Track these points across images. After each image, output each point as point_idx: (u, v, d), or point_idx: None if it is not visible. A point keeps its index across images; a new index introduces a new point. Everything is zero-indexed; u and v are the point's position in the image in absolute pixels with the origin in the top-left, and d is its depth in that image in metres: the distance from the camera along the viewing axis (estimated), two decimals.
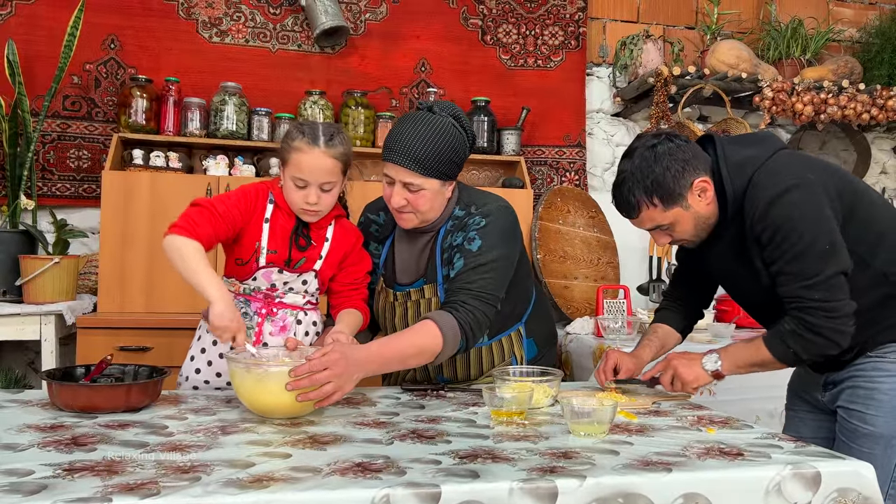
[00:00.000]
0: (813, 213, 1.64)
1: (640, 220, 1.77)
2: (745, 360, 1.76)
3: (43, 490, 1.07)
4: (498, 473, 1.21)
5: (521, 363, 2.01)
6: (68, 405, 1.55)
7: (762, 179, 1.68)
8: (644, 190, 1.70)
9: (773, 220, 1.64)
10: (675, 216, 1.73)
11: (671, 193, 1.70)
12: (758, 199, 1.67)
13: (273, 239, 1.85)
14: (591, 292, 3.47)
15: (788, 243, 1.63)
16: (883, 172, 4.22)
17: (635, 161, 1.72)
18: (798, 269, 1.63)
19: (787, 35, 3.76)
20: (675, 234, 1.78)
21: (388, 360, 1.69)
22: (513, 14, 3.70)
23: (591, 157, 3.80)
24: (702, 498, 1.23)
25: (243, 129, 3.24)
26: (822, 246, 1.62)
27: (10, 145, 2.97)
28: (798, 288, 1.64)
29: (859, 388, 1.76)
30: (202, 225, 1.73)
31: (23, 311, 2.71)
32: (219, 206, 1.78)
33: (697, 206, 1.73)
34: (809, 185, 1.66)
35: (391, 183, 1.83)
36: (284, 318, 1.90)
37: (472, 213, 1.88)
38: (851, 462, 1.33)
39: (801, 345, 1.66)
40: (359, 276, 1.97)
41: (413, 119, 1.81)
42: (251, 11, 3.44)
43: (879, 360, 1.74)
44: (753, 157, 1.73)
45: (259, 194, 1.87)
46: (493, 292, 1.81)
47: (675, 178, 1.69)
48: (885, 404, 1.72)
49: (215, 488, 1.10)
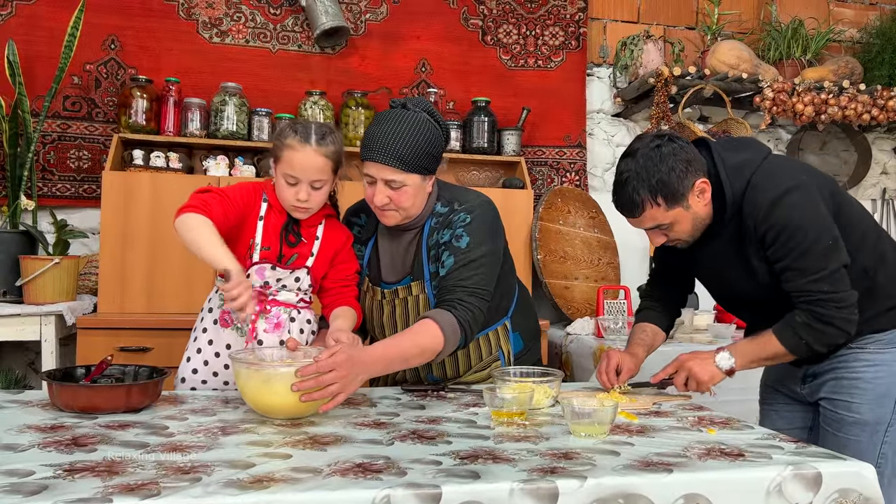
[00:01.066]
0: (813, 213, 1.71)
1: (642, 219, 1.78)
2: (757, 354, 1.81)
3: (43, 491, 1.07)
4: (498, 474, 1.21)
5: (507, 357, 2.03)
6: (68, 406, 1.55)
7: (760, 181, 1.75)
8: (649, 189, 1.72)
9: (777, 220, 1.70)
10: (676, 216, 1.76)
11: (675, 193, 1.72)
12: (758, 201, 1.73)
13: (266, 236, 1.89)
14: (592, 293, 3.47)
15: (794, 242, 1.69)
16: (884, 173, 4.22)
17: (639, 161, 1.73)
18: (804, 265, 1.70)
19: (787, 35, 3.76)
20: (673, 234, 1.81)
21: (391, 360, 1.70)
22: (513, 14, 3.70)
23: (591, 158, 3.80)
24: (702, 499, 1.23)
25: (243, 129, 3.24)
26: (826, 242, 1.70)
27: (11, 146, 2.98)
28: (806, 283, 1.70)
29: (842, 379, 1.82)
30: (214, 206, 1.78)
31: (23, 311, 2.71)
32: (226, 190, 1.84)
33: (696, 206, 1.76)
34: (806, 187, 1.73)
35: (372, 182, 1.85)
36: (278, 316, 1.92)
37: (457, 210, 1.90)
38: (852, 463, 1.33)
39: (813, 336, 1.72)
40: (349, 273, 1.99)
41: (389, 117, 1.83)
42: (251, 12, 3.44)
43: (860, 350, 1.80)
44: (749, 161, 1.79)
45: (256, 191, 1.92)
46: (485, 287, 1.84)
47: (680, 178, 1.72)
48: (868, 392, 1.78)
49: (216, 489, 1.10)
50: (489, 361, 2.01)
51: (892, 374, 1.79)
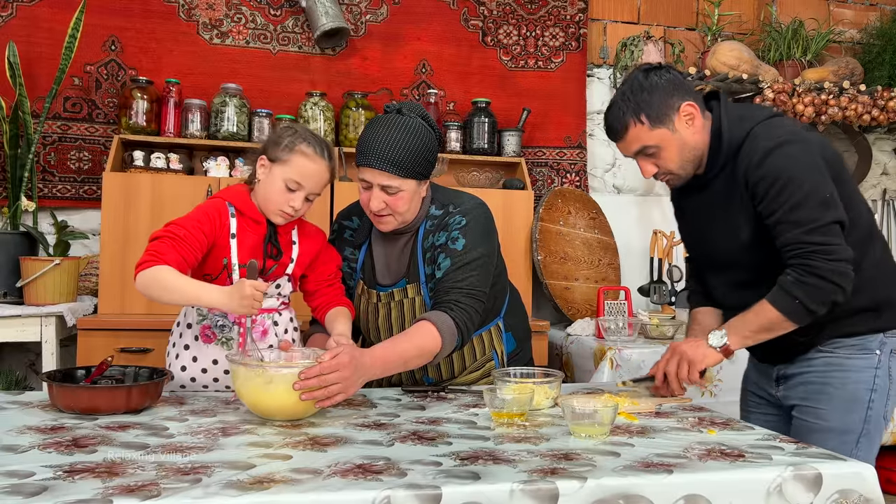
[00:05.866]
0: (810, 165, 1.66)
1: (627, 141, 1.78)
2: (752, 326, 1.73)
3: (44, 492, 1.07)
4: (499, 475, 1.21)
5: (501, 357, 2.04)
6: (69, 407, 1.55)
7: (761, 132, 1.71)
8: (633, 108, 1.74)
9: (770, 170, 1.66)
10: (661, 138, 1.75)
11: (658, 112, 1.73)
12: (755, 150, 1.70)
13: (242, 252, 1.83)
14: (592, 293, 3.47)
15: (787, 193, 1.64)
16: (884, 174, 4.22)
17: (626, 85, 1.77)
18: (797, 217, 1.64)
19: (787, 36, 3.76)
20: (661, 163, 1.79)
21: (391, 363, 1.71)
22: (513, 15, 3.70)
23: (591, 159, 3.80)
24: (703, 499, 1.23)
25: (244, 130, 3.24)
26: (822, 195, 1.64)
27: (11, 147, 2.98)
28: (797, 234, 1.64)
29: (810, 384, 1.80)
30: (167, 253, 1.71)
31: (23, 312, 2.71)
32: (179, 231, 1.75)
33: (684, 131, 1.75)
34: (806, 141, 1.69)
35: (368, 187, 1.85)
36: (263, 323, 1.91)
37: (451, 213, 1.91)
38: (853, 463, 1.33)
39: (805, 292, 1.64)
40: (332, 272, 1.99)
41: (384, 122, 1.83)
42: (252, 13, 3.44)
43: (829, 354, 1.78)
44: (755, 115, 1.77)
45: (220, 211, 1.83)
46: (481, 289, 1.86)
47: (663, 97, 1.73)
48: (835, 398, 1.76)
49: (216, 490, 1.10)
50: (483, 361, 2.02)
51: (860, 379, 1.76)
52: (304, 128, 1.89)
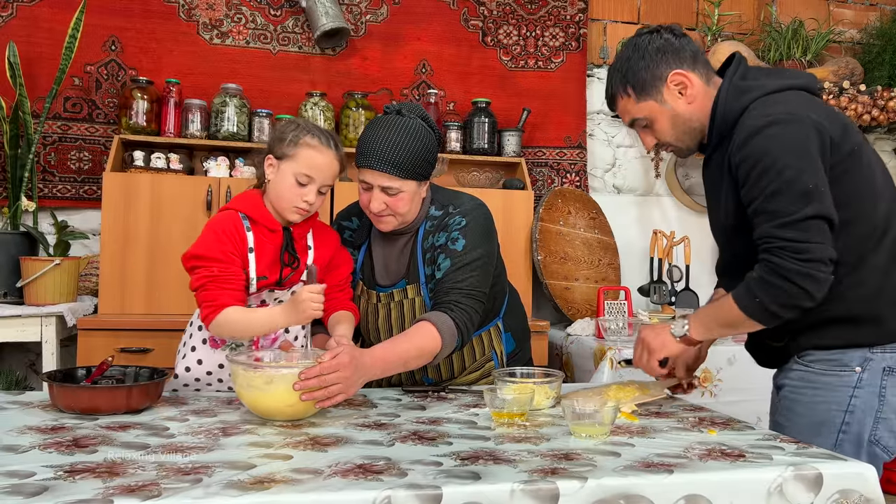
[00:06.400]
0: (797, 150, 1.46)
1: (620, 112, 1.70)
2: (716, 320, 1.60)
3: (44, 492, 1.07)
4: (499, 475, 1.21)
5: (500, 358, 2.04)
6: (69, 407, 1.55)
7: (758, 108, 1.53)
8: (620, 79, 1.65)
9: (752, 151, 1.48)
10: (650, 111, 1.65)
11: (643, 84, 1.62)
12: (743, 128, 1.53)
13: (261, 265, 1.81)
14: (592, 293, 3.47)
15: (767, 179, 1.46)
16: None
17: (620, 51, 1.68)
18: (774, 207, 1.45)
19: (787, 36, 3.76)
20: (657, 135, 1.68)
21: (391, 363, 1.71)
22: (513, 15, 3.70)
23: (591, 159, 3.80)
24: (703, 499, 1.23)
25: (244, 130, 3.24)
26: (804, 185, 1.44)
27: (11, 147, 2.98)
28: (769, 227, 1.46)
29: (784, 399, 1.68)
30: (220, 297, 1.73)
31: (24, 312, 2.71)
32: (214, 270, 1.74)
33: (674, 102, 1.63)
34: (802, 122, 1.48)
35: (368, 189, 1.85)
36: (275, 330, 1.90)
37: (451, 213, 1.91)
38: (853, 463, 1.33)
39: (765, 292, 1.47)
40: (343, 277, 1.97)
41: (384, 123, 1.83)
42: (252, 13, 3.44)
43: (804, 368, 1.63)
44: (763, 86, 1.57)
45: (235, 226, 1.79)
46: (481, 289, 1.86)
47: (648, 67, 1.61)
48: (804, 417, 1.62)
49: (216, 490, 1.10)
50: (483, 362, 2.02)
51: (833, 400, 1.58)
52: (306, 121, 1.88)
